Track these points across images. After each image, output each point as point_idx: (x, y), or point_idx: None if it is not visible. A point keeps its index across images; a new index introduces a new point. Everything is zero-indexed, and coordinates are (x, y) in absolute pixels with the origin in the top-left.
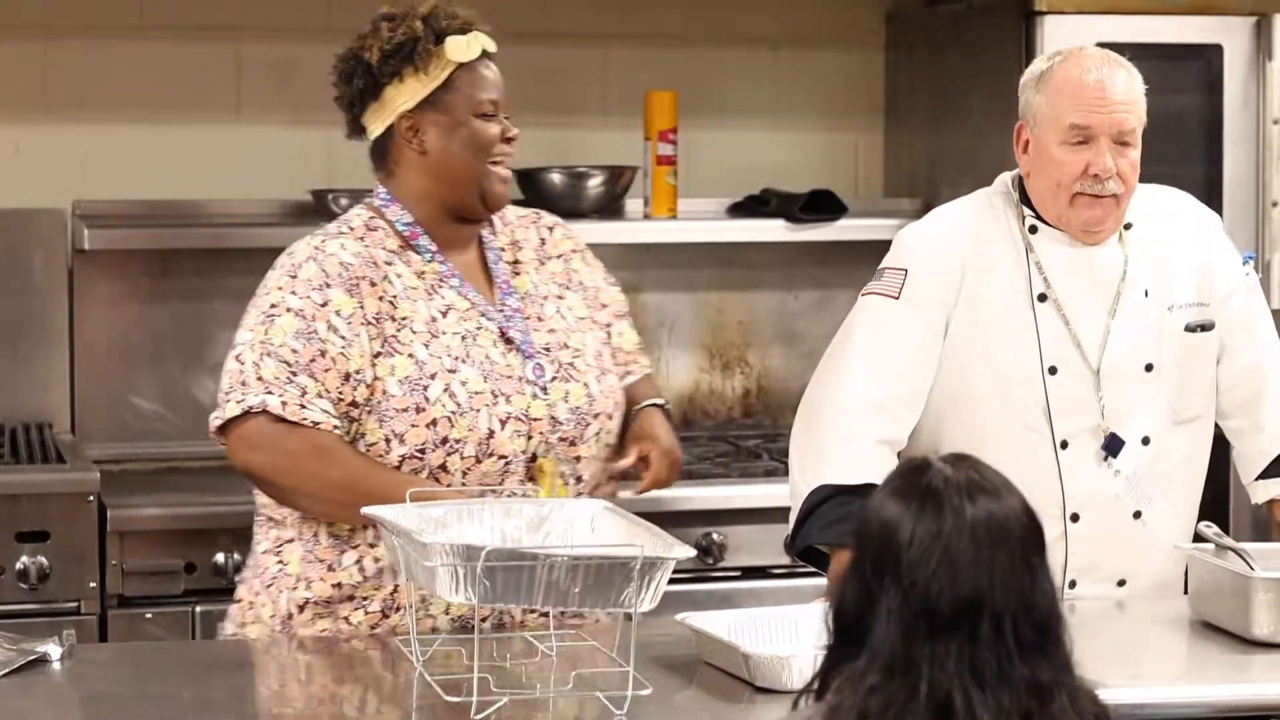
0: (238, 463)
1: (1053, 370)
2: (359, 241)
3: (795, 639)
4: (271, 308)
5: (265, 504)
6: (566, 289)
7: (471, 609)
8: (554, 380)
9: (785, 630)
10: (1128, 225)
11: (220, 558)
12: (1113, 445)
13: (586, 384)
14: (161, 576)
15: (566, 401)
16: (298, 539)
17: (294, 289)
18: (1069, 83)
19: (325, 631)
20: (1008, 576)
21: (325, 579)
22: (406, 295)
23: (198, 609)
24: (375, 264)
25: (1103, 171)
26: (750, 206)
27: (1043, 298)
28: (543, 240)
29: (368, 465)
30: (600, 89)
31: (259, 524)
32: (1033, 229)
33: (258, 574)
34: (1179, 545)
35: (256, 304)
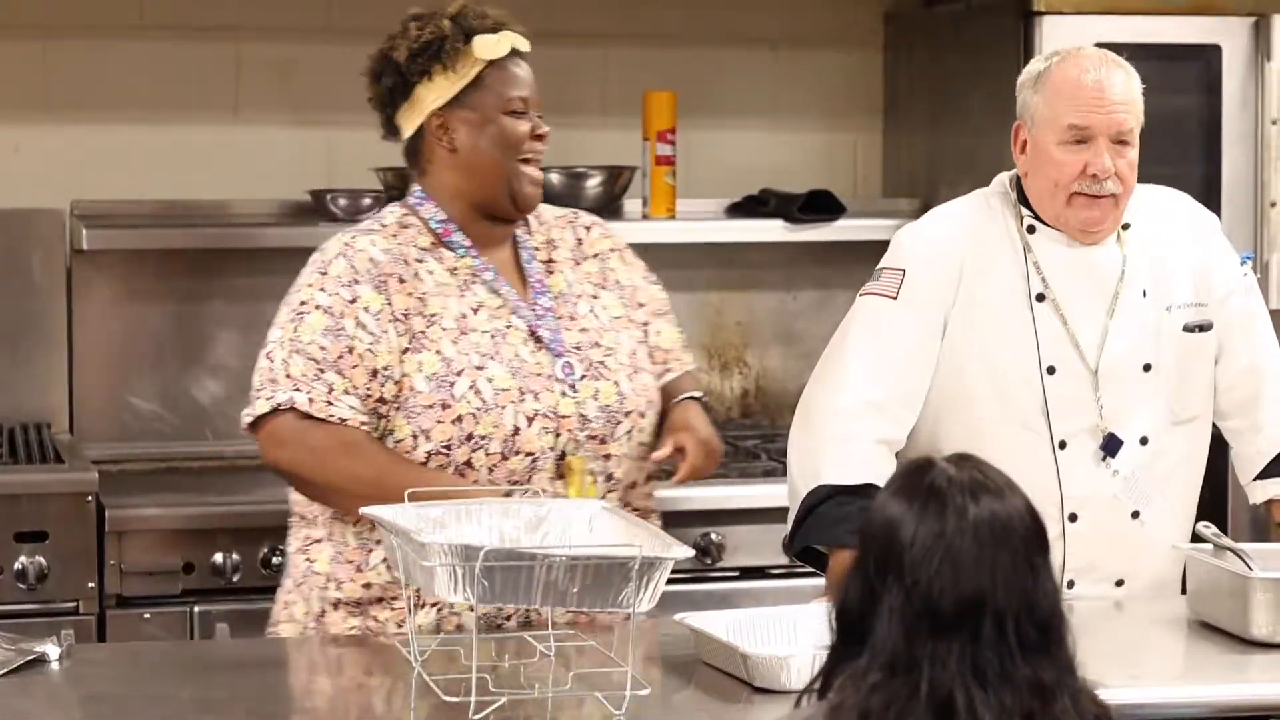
0: (268, 460)
1: (1051, 370)
2: (391, 239)
3: (794, 639)
4: (301, 305)
5: (296, 502)
6: (602, 288)
7: (495, 609)
8: (583, 378)
9: (784, 630)
10: (1126, 225)
11: (219, 558)
12: (1111, 445)
13: (617, 382)
14: (160, 577)
15: (596, 400)
16: (326, 539)
17: (323, 286)
18: (1067, 83)
19: (355, 630)
20: (1010, 576)
21: (355, 579)
22: (438, 292)
23: (196, 609)
24: (406, 261)
25: (1101, 172)
26: (749, 207)
27: (1041, 298)
28: (579, 240)
29: (394, 461)
30: (599, 89)
31: (291, 523)
32: (1030, 229)
33: (290, 573)
34: (1177, 545)
35: (288, 301)
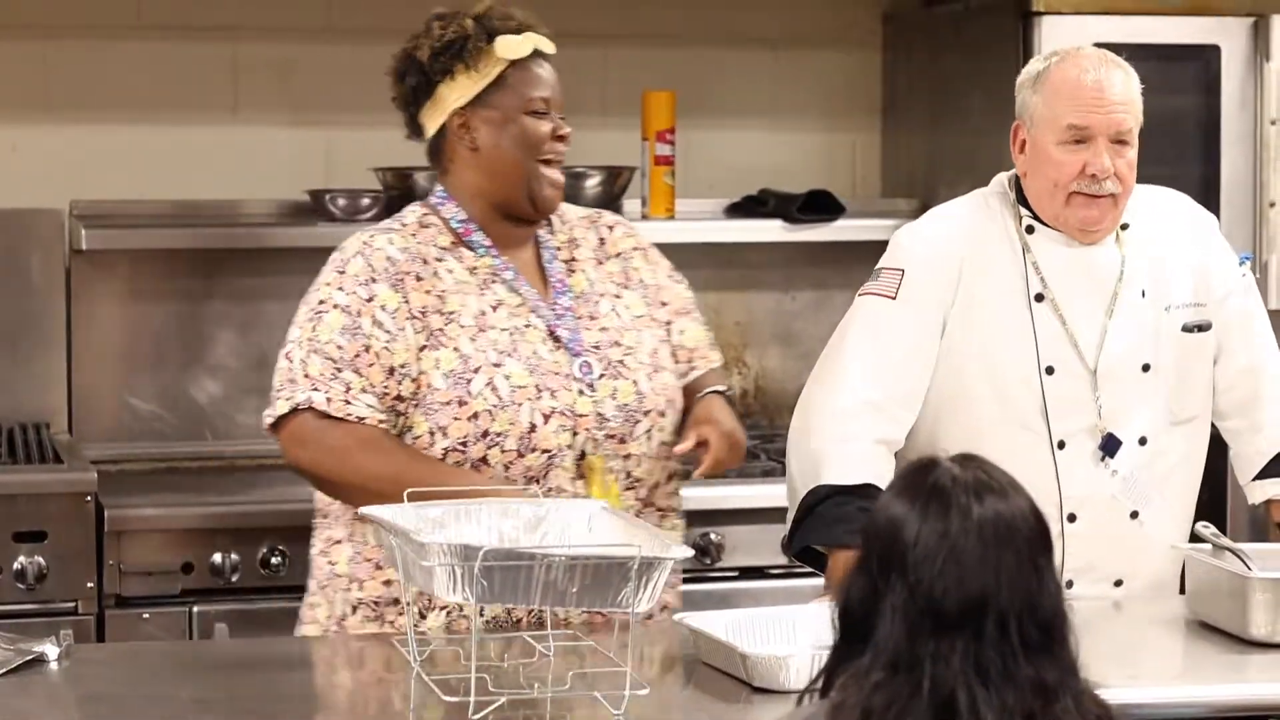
0: (289, 460)
1: (1050, 370)
2: (410, 238)
3: (793, 639)
4: (320, 304)
5: (319, 501)
6: (625, 287)
7: (504, 611)
8: (602, 378)
9: (783, 630)
10: (1124, 226)
11: (218, 558)
12: (1110, 445)
13: (636, 381)
14: (159, 577)
15: (614, 399)
16: (346, 539)
17: (341, 285)
18: (1066, 83)
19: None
20: (1014, 576)
21: (375, 577)
22: (457, 290)
23: (195, 609)
24: (424, 260)
25: (1100, 172)
26: (748, 207)
27: (1040, 298)
28: (602, 240)
29: (413, 458)
30: (599, 89)
31: (315, 524)
32: (1029, 229)
33: (313, 575)
34: (1176, 545)
35: (307, 300)
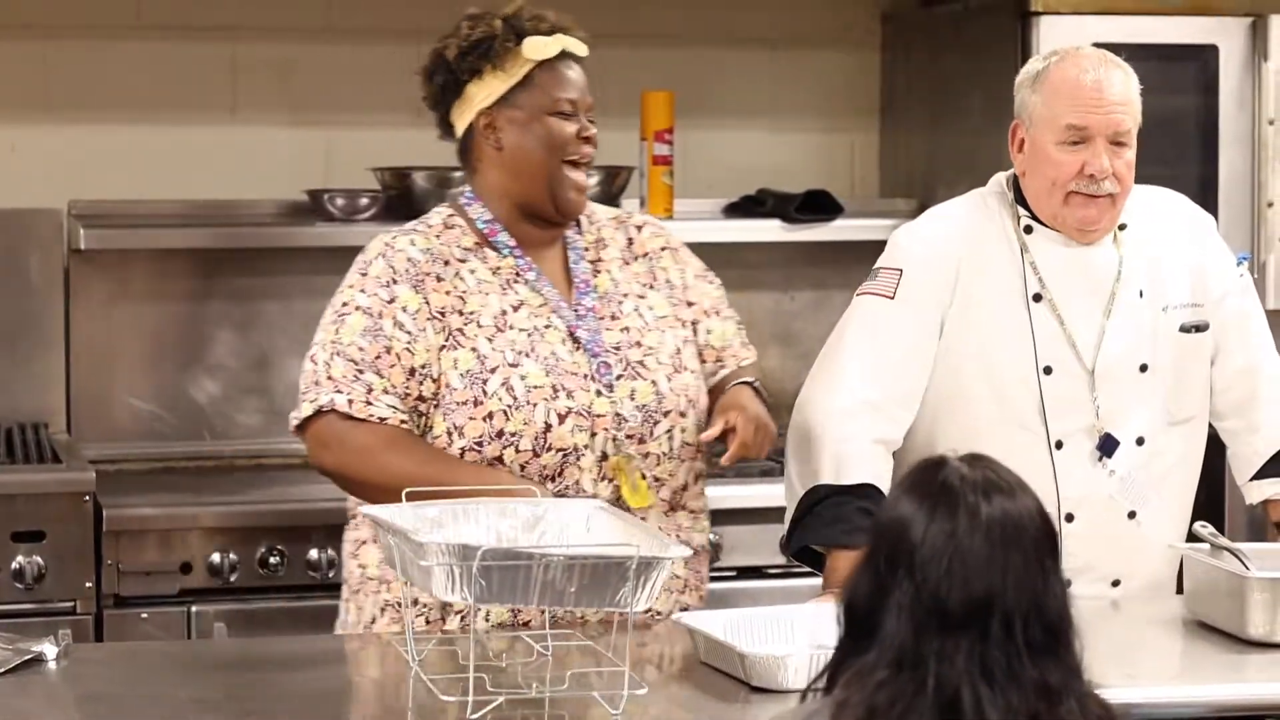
0: (314, 461)
1: (1048, 370)
2: (434, 239)
3: (791, 639)
4: (343, 306)
5: (348, 504)
6: (650, 287)
7: (513, 612)
8: (620, 378)
9: (781, 630)
10: (1122, 226)
11: (216, 558)
12: (1107, 445)
13: (655, 382)
14: (157, 576)
15: (633, 399)
16: (373, 541)
17: (363, 287)
18: (1066, 83)
19: (400, 634)
20: (1021, 577)
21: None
22: (479, 290)
23: (193, 609)
24: (446, 261)
25: (1099, 172)
26: (746, 207)
27: (1038, 298)
28: (630, 240)
29: (433, 457)
30: (598, 89)
31: (346, 526)
32: (1028, 229)
33: (346, 579)
34: (1174, 545)
35: (332, 303)
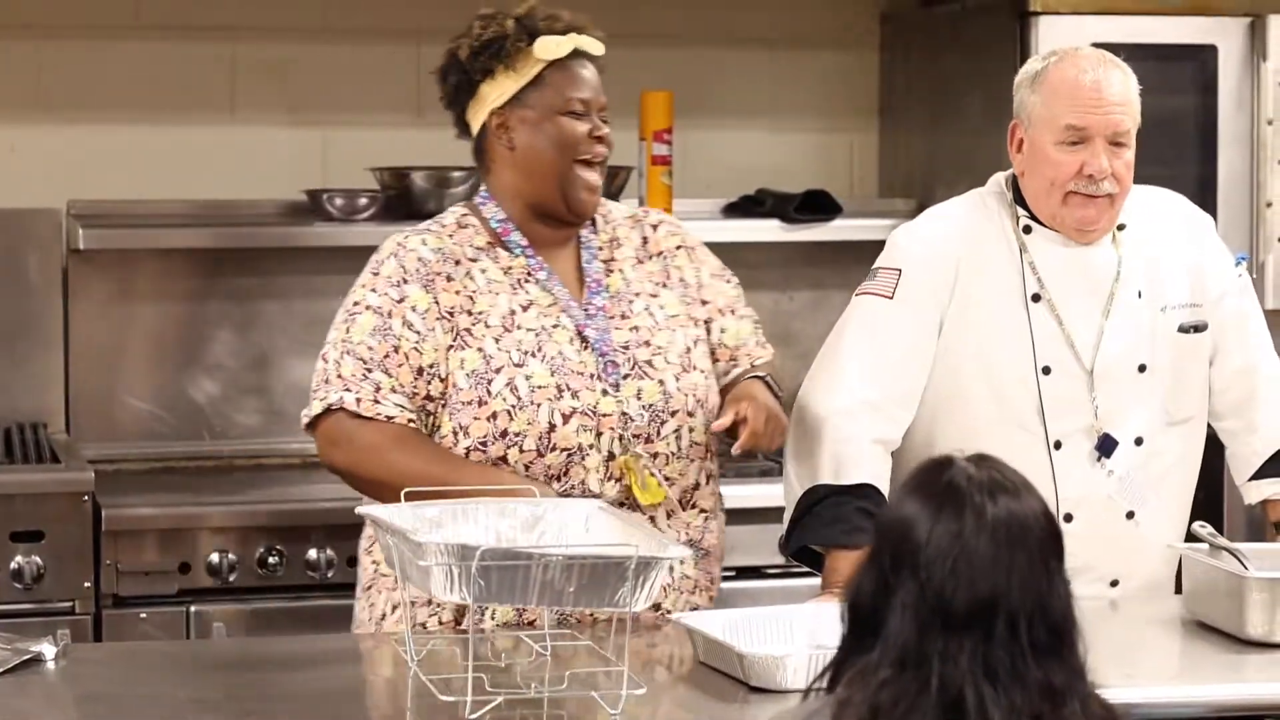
0: (324, 459)
1: (1046, 370)
2: (446, 238)
3: (790, 639)
4: (355, 305)
5: (363, 501)
6: (663, 286)
7: (518, 612)
8: (627, 377)
9: (780, 630)
10: (1121, 226)
11: (215, 557)
12: (1106, 446)
13: (662, 381)
14: (156, 576)
15: (639, 399)
16: None
17: (374, 286)
18: (1065, 83)
19: (412, 631)
20: (1026, 577)
21: None
22: (489, 290)
23: (192, 609)
24: (457, 260)
25: (1098, 172)
26: (745, 207)
27: (1036, 298)
28: (645, 239)
29: (440, 456)
30: None
31: (365, 526)
32: (1026, 229)
33: (360, 578)
34: (1173, 545)
35: (345, 302)
